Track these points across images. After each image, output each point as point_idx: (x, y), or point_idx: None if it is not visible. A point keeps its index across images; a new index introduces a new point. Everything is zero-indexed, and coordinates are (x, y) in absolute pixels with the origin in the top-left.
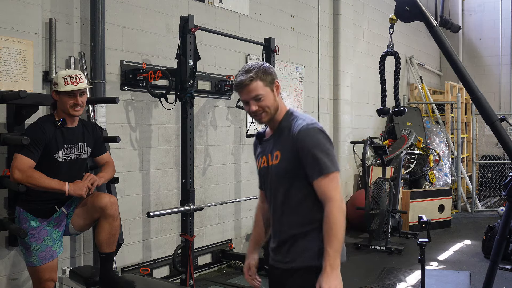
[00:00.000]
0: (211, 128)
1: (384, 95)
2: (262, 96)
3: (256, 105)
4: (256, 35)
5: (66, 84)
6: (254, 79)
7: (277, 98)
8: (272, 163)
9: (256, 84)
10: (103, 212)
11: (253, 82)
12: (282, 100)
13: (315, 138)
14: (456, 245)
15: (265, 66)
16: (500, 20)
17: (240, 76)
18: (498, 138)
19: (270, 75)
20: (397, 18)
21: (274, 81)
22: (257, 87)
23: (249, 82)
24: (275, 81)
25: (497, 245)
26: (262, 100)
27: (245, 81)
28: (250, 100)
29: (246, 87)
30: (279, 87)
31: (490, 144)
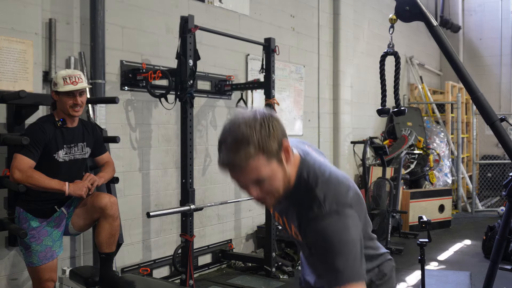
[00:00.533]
0: (211, 128)
1: (384, 95)
2: (266, 177)
3: (257, 191)
4: (256, 35)
5: (66, 84)
6: (252, 156)
7: (287, 169)
8: (292, 233)
9: (255, 163)
10: (103, 212)
11: (251, 161)
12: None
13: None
14: (456, 245)
15: (266, 122)
16: (500, 20)
17: (227, 149)
18: (498, 138)
19: (275, 139)
20: (397, 18)
21: (282, 144)
22: (257, 167)
23: (244, 164)
24: (282, 143)
25: (497, 245)
26: (267, 182)
27: (235, 161)
28: (248, 184)
29: (239, 170)
30: (289, 149)
31: (490, 144)
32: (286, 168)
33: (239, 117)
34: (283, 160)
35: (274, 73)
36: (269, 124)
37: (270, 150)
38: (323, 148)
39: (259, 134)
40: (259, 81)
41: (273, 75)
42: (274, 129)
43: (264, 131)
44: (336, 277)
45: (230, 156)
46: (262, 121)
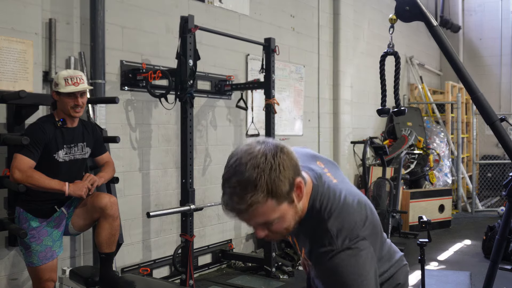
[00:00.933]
0: (211, 128)
1: (384, 95)
2: (275, 220)
3: (265, 232)
4: (256, 35)
5: (67, 85)
6: (260, 202)
7: (299, 205)
8: (302, 255)
9: (263, 209)
10: (103, 212)
11: (258, 206)
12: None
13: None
14: (456, 245)
15: (277, 160)
16: (500, 20)
17: (231, 193)
18: (498, 138)
19: (286, 180)
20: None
21: (294, 183)
22: (265, 212)
23: (250, 210)
24: (294, 182)
25: (497, 245)
26: (276, 224)
27: (241, 207)
28: (256, 226)
29: (245, 215)
30: (302, 186)
31: (490, 144)
32: (298, 205)
33: (246, 153)
34: (295, 200)
35: (274, 73)
36: (279, 162)
37: (280, 194)
38: (323, 148)
39: (267, 177)
40: (259, 81)
41: (273, 75)
42: (285, 168)
43: (274, 172)
44: None
45: (234, 201)
46: (272, 159)
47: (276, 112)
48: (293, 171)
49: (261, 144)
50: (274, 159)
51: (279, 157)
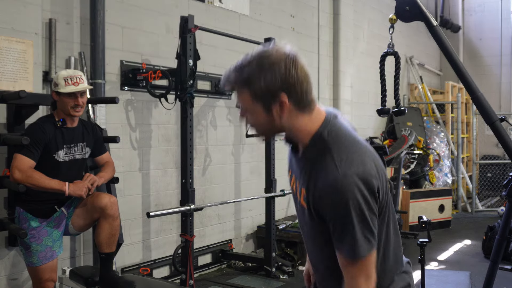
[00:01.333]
0: (211, 128)
1: (384, 95)
2: (250, 112)
3: (243, 117)
4: (256, 35)
5: (67, 85)
6: (238, 85)
7: (282, 119)
8: (299, 199)
9: (243, 94)
10: (103, 212)
11: (239, 89)
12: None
13: (342, 209)
14: (456, 245)
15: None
16: (500, 20)
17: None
18: (498, 138)
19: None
20: (397, 18)
21: (275, 95)
22: (244, 98)
23: (235, 87)
24: (276, 94)
25: (497, 245)
26: (250, 116)
27: (229, 81)
28: (240, 106)
29: (235, 90)
30: (285, 106)
31: (490, 144)
32: (276, 120)
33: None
34: (274, 113)
35: None
36: (273, 66)
37: (255, 91)
38: None
39: (253, 69)
40: None
41: None
42: (273, 74)
43: (260, 69)
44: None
45: (230, 74)
46: (272, 60)
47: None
48: (280, 83)
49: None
50: (272, 61)
51: (280, 63)
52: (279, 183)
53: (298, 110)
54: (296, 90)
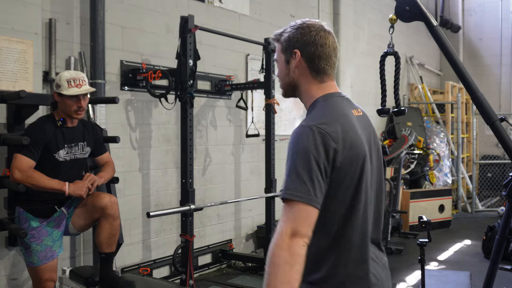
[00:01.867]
0: (211, 128)
1: (384, 95)
2: (278, 61)
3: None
4: (256, 35)
5: (70, 87)
6: (276, 41)
7: (295, 73)
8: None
9: (278, 47)
10: (103, 212)
11: (277, 44)
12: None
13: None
14: (456, 245)
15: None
16: (500, 20)
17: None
18: (498, 138)
19: (291, 44)
20: (397, 18)
21: (293, 51)
22: (278, 50)
23: (274, 40)
24: (294, 51)
25: (497, 245)
26: (279, 65)
27: (274, 37)
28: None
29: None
30: (297, 57)
31: (490, 144)
32: (291, 71)
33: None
34: (290, 65)
35: (274, 73)
36: (303, 32)
37: (282, 44)
38: None
39: (288, 31)
40: (259, 81)
41: (273, 75)
42: (299, 37)
43: (291, 32)
44: (283, 186)
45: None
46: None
47: (276, 112)
48: (298, 41)
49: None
50: (302, 25)
51: (306, 27)
52: (279, 183)
53: (310, 72)
54: (309, 51)
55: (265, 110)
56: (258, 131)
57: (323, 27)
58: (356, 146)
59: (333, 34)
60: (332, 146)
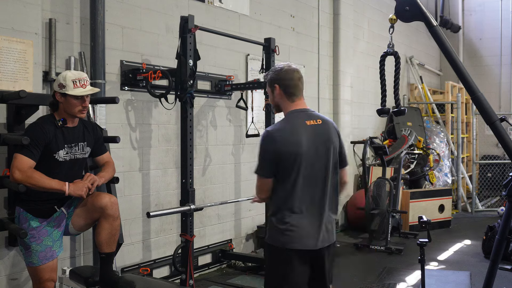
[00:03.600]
0: (211, 128)
1: (384, 95)
2: (268, 93)
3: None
4: (256, 35)
5: (76, 87)
6: (265, 79)
7: (276, 98)
8: None
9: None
10: (103, 212)
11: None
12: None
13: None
14: (456, 245)
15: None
16: (500, 20)
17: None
18: (498, 138)
19: (273, 81)
20: (397, 18)
21: (274, 87)
22: (267, 86)
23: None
24: (275, 86)
25: (497, 245)
26: (269, 95)
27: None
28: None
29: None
30: (277, 89)
31: (490, 144)
32: (275, 98)
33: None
34: (274, 93)
35: None
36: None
37: (269, 84)
38: None
39: (271, 72)
40: (259, 81)
41: None
42: (276, 76)
43: (272, 74)
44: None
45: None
46: (277, 70)
47: (276, 112)
48: (276, 78)
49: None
50: (277, 68)
51: (279, 69)
52: None
53: (285, 96)
54: (284, 84)
55: (265, 110)
56: (258, 131)
57: (290, 67)
58: (292, 144)
59: (298, 69)
60: (276, 143)
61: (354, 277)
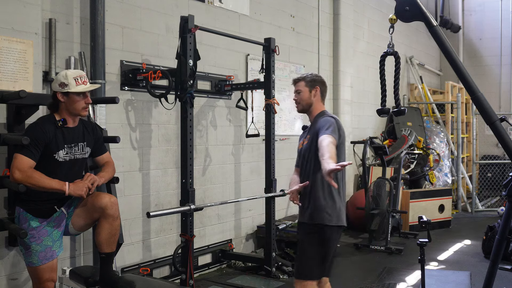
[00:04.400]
0: (211, 128)
1: (384, 95)
2: (301, 91)
3: (295, 96)
4: (256, 35)
5: (78, 85)
6: (300, 81)
7: (312, 98)
8: (305, 143)
9: (300, 83)
10: (103, 212)
11: (299, 82)
12: (321, 103)
13: (330, 122)
14: (456, 245)
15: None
16: (500, 20)
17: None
18: (498, 138)
19: (310, 81)
20: (397, 18)
21: (314, 86)
22: (300, 85)
23: (296, 81)
24: (315, 86)
25: (497, 245)
26: (300, 94)
27: (296, 80)
28: (295, 91)
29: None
30: (317, 93)
31: (490, 144)
32: (311, 97)
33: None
34: (312, 92)
35: (274, 73)
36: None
37: (306, 82)
38: None
39: (309, 75)
40: (259, 81)
41: (273, 75)
42: (316, 82)
43: (311, 76)
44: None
45: (299, 76)
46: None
47: (276, 112)
48: (319, 84)
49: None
50: (318, 77)
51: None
52: (279, 183)
53: (320, 98)
54: (322, 88)
55: (265, 110)
56: (258, 131)
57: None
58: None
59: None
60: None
61: (354, 277)
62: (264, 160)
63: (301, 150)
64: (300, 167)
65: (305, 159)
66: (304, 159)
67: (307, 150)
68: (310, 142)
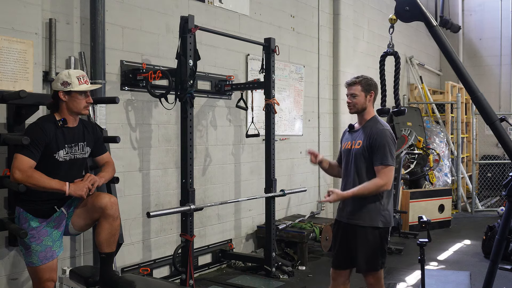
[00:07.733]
0: (211, 128)
1: (384, 95)
2: (357, 95)
3: (350, 99)
4: (256, 35)
5: (81, 84)
6: (356, 84)
7: (367, 103)
8: (353, 147)
9: (356, 87)
10: (103, 212)
11: (355, 85)
12: (373, 107)
13: (383, 138)
14: (456, 245)
15: (372, 81)
16: (500, 20)
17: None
18: (498, 138)
19: (367, 86)
20: (397, 18)
21: (369, 91)
22: (356, 89)
23: (354, 84)
24: (370, 92)
25: (497, 245)
26: (355, 98)
27: (353, 81)
28: (349, 94)
29: (351, 85)
30: (371, 97)
31: (490, 144)
32: (366, 102)
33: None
34: (367, 97)
35: (274, 73)
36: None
37: (363, 87)
38: (323, 148)
39: (365, 79)
40: (259, 81)
41: (273, 75)
42: (371, 86)
43: (367, 80)
44: (385, 158)
45: (353, 79)
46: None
47: (276, 112)
48: (374, 89)
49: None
50: (372, 81)
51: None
52: (279, 183)
53: (372, 103)
54: (375, 93)
55: (265, 110)
56: (258, 131)
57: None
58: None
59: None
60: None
61: (354, 277)
62: (264, 160)
63: (348, 152)
64: (343, 167)
65: (355, 163)
66: (351, 162)
67: (360, 156)
68: (362, 150)
